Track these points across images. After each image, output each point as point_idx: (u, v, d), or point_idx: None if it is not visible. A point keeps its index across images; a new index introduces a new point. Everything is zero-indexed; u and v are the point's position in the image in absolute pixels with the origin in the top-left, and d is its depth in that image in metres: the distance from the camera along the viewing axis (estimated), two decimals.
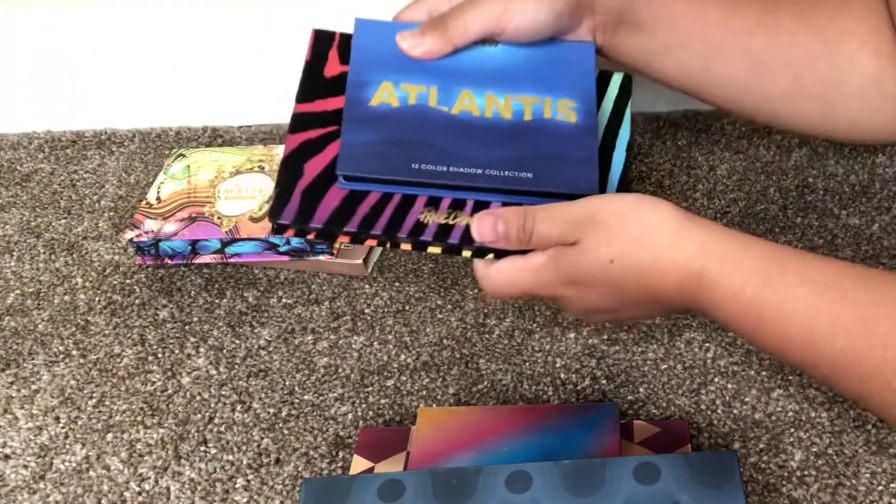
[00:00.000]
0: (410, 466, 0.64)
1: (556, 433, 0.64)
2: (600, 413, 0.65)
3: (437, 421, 0.67)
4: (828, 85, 0.70)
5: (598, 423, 0.64)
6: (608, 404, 0.67)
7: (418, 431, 0.66)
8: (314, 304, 0.80)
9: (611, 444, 0.63)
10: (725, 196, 0.84)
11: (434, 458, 0.64)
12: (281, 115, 0.99)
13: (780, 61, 0.70)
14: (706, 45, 0.70)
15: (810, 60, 0.70)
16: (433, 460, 0.63)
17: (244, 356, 0.77)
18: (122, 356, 0.78)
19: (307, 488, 0.60)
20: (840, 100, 0.70)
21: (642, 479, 0.57)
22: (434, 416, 0.67)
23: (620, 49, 0.69)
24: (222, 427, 0.72)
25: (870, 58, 0.69)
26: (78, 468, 0.70)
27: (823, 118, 0.72)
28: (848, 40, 0.70)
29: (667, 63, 0.70)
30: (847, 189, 0.83)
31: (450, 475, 0.59)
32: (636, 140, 0.91)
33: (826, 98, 0.70)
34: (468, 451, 0.64)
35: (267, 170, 0.86)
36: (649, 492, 0.56)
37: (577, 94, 0.65)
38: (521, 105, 0.64)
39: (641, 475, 0.57)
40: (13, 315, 0.83)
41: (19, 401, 0.76)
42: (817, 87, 0.70)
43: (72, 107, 1.01)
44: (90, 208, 0.92)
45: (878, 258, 0.77)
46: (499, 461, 0.62)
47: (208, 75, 0.98)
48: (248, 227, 0.81)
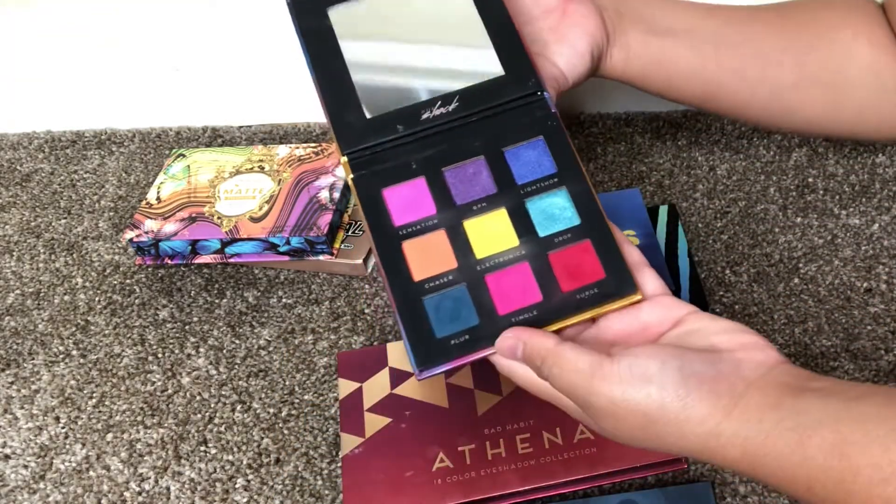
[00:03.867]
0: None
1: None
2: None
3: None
4: (829, 70, 0.71)
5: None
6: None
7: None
8: (314, 304, 0.80)
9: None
10: (725, 196, 0.84)
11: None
12: (281, 115, 0.99)
13: (780, 47, 0.71)
14: (708, 31, 0.71)
15: (807, 49, 0.71)
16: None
17: (244, 356, 0.77)
18: (122, 356, 0.78)
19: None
20: (844, 86, 0.71)
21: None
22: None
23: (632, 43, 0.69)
24: (222, 427, 0.72)
25: (866, 48, 0.70)
26: (78, 468, 0.70)
27: (833, 108, 0.72)
28: (840, 31, 0.71)
29: (680, 48, 0.69)
30: (847, 189, 0.83)
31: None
32: (637, 141, 0.91)
33: (831, 84, 0.71)
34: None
35: (267, 170, 0.86)
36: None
37: (635, 224, 0.78)
38: None
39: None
40: (13, 315, 0.83)
41: (19, 401, 0.76)
42: (821, 73, 0.71)
43: (72, 107, 1.01)
44: (90, 208, 0.92)
45: (878, 258, 0.77)
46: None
47: (208, 75, 0.98)
48: (248, 227, 0.81)
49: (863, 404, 0.47)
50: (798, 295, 0.75)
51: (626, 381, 0.48)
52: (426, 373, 0.53)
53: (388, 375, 0.70)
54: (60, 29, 0.97)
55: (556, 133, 0.58)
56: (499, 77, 0.59)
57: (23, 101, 1.02)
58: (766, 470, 0.48)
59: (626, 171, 0.88)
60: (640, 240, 0.77)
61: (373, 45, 0.61)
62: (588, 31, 0.66)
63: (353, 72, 0.60)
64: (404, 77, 0.60)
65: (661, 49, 0.69)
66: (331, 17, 0.61)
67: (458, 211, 0.57)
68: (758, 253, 0.79)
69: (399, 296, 0.54)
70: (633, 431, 0.50)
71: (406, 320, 0.54)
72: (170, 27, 0.96)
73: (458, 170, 0.58)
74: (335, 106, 0.59)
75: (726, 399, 0.48)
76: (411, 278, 0.55)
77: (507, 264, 0.55)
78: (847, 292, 0.75)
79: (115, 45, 0.97)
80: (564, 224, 0.56)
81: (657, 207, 0.82)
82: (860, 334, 0.72)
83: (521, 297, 0.54)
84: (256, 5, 0.94)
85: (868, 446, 0.45)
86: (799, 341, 0.72)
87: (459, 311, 0.54)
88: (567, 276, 0.54)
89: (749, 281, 0.77)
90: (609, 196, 0.82)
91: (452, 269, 0.55)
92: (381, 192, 0.57)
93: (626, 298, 0.53)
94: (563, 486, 0.63)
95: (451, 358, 0.53)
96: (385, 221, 0.56)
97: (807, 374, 0.49)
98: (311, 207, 0.81)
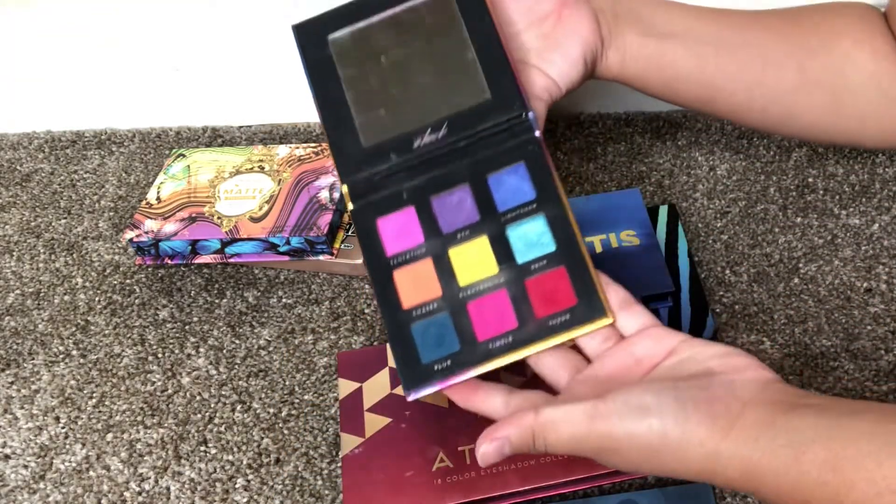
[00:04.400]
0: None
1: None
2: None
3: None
4: (831, 75, 0.71)
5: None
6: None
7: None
8: (314, 304, 0.80)
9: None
10: (725, 196, 0.84)
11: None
12: (281, 115, 0.99)
13: (781, 52, 0.70)
14: (707, 34, 0.70)
15: (809, 54, 0.71)
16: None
17: (244, 356, 0.77)
18: (122, 356, 0.78)
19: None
20: (845, 93, 0.71)
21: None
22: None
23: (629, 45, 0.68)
24: (222, 427, 0.72)
25: (867, 56, 0.70)
26: (78, 468, 0.70)
27: (834, 114, 0.71)
28: (841, 39, 0.71)
29: (677, 50, 0.69)
30: (847, 189, 0.83)
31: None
32: (637, 141, 0.91)
33: (832, 90, 0.71)
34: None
35: (267, 170, 0.86)
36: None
37: (635, 224, 0.78)
38: (591, 244, 0.77)
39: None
40: (13, 315, 0.83)
41: (19, 401, 0.76)
42: (823, 78, 0.71)
43: (72, 107, 1.01)
44: (90, 208, 0.92)
45: (878, 258, 0.77)
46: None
47: (208, 75, 0.98)
48: (248, 227, 0.81)
49: (855, 420, 0.48)
50: (798, 295, 0.75)
51: (625, 416, 0.49)
52: (414, 394, 0.56)
53: (388, 375, 0.70)
54: (60, 29, 0.97)
55: (536, 157, 0.59)
56: (485, 101, 0.61)
57: (23, 101, 1.02)
58: (764, 488, 0.49)
59: (626, 171, 0.88)
60: (640, 240, 0.77)
61: (368, 72, 0.63)
62: (582, 36, 0.66)
63: (350, 99, 0.62)
64: (397, 104, 0.62)
65: (659, 51, 0.69)
66: (331, 44, 0.63)
67: (444, 239, 0.59)
68: (758, 253, 0.79)
69: (390, 323, 0.57)
70: (639, 464, 0.51)
71: (396, 346, 0.57)
72: (170, 27, 0.96)
73: (444, 198, 0.60)
74: (335, 134, 0.61)
75: (723, 420, 0.49)
76: (401, 306, 0.57)
77: (487, 291, 0.57)
78: (847, 292, 0.75)
79: (115, 45, 0.97)
80: (541, 250, 0.58)
81: (657, 207, 0.82)
82: (860, 334, 0.72)
83: (498, 323, 0.56)
84: (256, 5, 0.94)
85: (862, 461, 0.46)
86: (799, 341, 0.72)
87: (443, 338, 0.56)
88: (542, 302, 0.56)
89: (749, 281, 0.77)
90: (609, 196, 0.82)
91: (437, 298, 0.57)
92: (375, 223, 0.60)
93: (595, 323, 0.55)
94: (563, 486, 0.63)
95: (435, 382, 0.55)
96: (378, 252, 0.59)
97: (800, 392, 0.50)
98: (311, 207, 0.81)
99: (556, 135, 0.93)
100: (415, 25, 0.63)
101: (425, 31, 0.63)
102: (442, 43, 0.62)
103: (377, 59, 0.63)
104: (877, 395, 0.68)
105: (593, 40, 0.67)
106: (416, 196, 0.60)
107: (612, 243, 0.77)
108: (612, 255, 0.76)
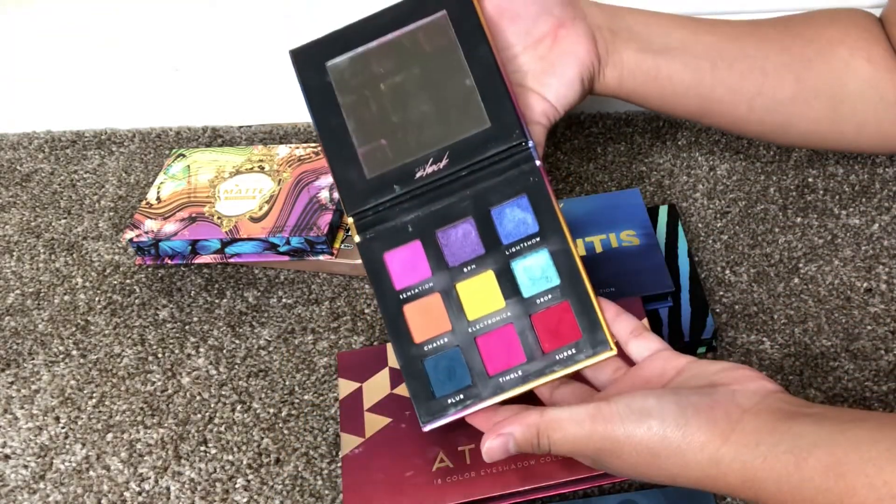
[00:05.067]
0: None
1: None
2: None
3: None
4: (829, 83, 0.71)
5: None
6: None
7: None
8: (314, 304, 0.80)
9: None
10: (725, 196, 0.84)
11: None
12: (281, 115, 0.99)
13: (778, 63, 0.71)
14: (704, 47, 0.70)
15: (806, 64, 0.71)
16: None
17: (244, 356, 0.77)
18: (122, 356, 0.78)
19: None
20: (843, 100, 0.71)
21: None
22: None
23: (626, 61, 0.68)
24: (222, 427, 0.72)
25: (864, 63, 0.70)
26: (78, 468, 0.70)
27: (832, 121, 0.72)
28: (838, 46, 0.71)
29: (674, 65, 0.69)
30: (847, 189, 0.83)
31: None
32: (637, 141, 0.91)
33: (830, 97, 0.71)
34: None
35: (267, 170, 0.86)
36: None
37: (635, 224, 0.78)
38: (591, 244, 0.77)
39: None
40: (13, 315, 0.83)
41: (19, 401, 0.76)
42: (821, 86, 0.71)
43: (72, 107, 1.01)
44: (90, 208, 0.92)
45: (878, 258, 0.77)
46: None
47: (208, 75, 0.98)
48: (248, 227, 0.81)
49: (856, 427, 0.48)
50: (798, 295, 0.75)
51: (627, 418, 0.50)
52: (430, 425, 0.59)
53: (388, 375, 0.70)
54: (60, 29, 0.97)
55: (538, 189, 0.60)
56: (485, 129, 0.61)
57: (23, 101, 1.02)
58: (766, 494, 0.49)
59: (626, 171, 0.88)
60: (640, 240, 0.77)
61: (368, 99, 0.63)
62: (579, 56, 0.66)
63: (351, 129, 0.62)
64: (398, 132, 0.62)
65: (656, 66, 0.69)
66: (329, 71, 0.63)
67: (451, 273, 0.61)
68: (758, 253, 0.79)
69: (402, 357, 0.60)
70: (638, 468, 0.51)
71: (410, 380, 0.59)
72: (170, 27, 0.96)
73: (449, 231, 0.61)
74: (338, 165, 0.62)
75: (723, 425, 0.49)
76: (412, 340, 0.60)
77: (495, 326, 0.59)
78: (847, 292, 0.75)
79: (115, 45, 0.97)
80: (545, 284, 0.60)
81: (657, 207, 0.82)
82: (860, 334, 0.72)
83: (506, 358, 0.59)
84: (256, 5, 0.94)
85: (863, 467, 0.47)
86: (799, 341, 0.72)
87: (454, 371, 0.59)
88: (548, 336, 0.59)
89: (749, 281, 0.77)
90: (609, 196, 0.82)
91: (447, 332, 0.60)
92: (382, 257, 0.61)
93: (599, 356, 0.58)
94: (563, 486, 0.63)
95: (449, 414, 0.58)
96: (388, 286, 0.61)
97: (800, 402, 0.51)
98: (311, 207, 0.81)
99: (557, 135, 0.93)
100: (413, 51, 0.63)
101: (423, 58, 0.63)
102: (440, 69, 0.63)
103: (376, 86, 0.63)
104: (877, 395, 0.68)
105: (590, 60, 0.67)
106: (422, 229, 0.61)
107: (612, 243, 0.77)
108: (612, 255, 0.76)
